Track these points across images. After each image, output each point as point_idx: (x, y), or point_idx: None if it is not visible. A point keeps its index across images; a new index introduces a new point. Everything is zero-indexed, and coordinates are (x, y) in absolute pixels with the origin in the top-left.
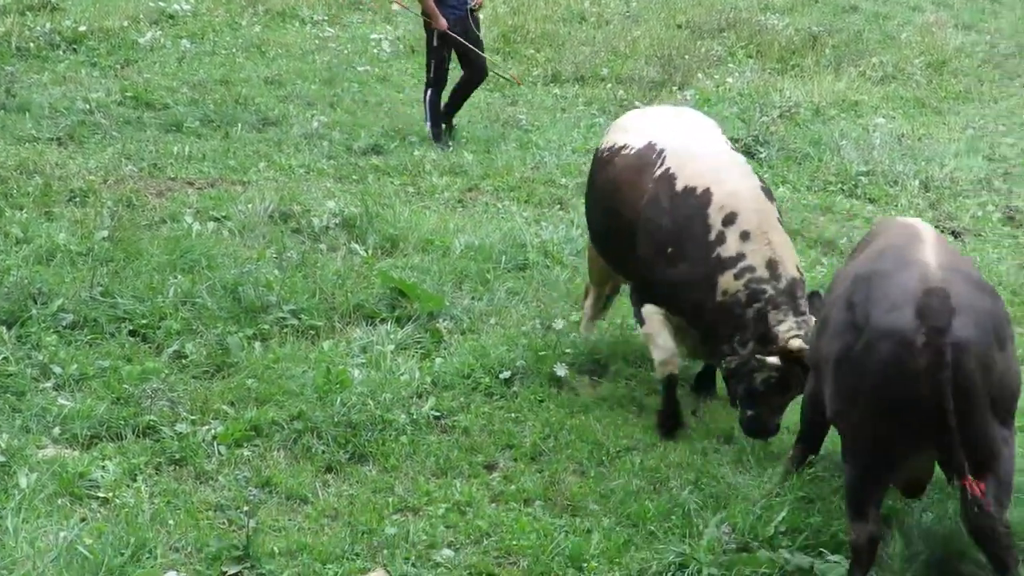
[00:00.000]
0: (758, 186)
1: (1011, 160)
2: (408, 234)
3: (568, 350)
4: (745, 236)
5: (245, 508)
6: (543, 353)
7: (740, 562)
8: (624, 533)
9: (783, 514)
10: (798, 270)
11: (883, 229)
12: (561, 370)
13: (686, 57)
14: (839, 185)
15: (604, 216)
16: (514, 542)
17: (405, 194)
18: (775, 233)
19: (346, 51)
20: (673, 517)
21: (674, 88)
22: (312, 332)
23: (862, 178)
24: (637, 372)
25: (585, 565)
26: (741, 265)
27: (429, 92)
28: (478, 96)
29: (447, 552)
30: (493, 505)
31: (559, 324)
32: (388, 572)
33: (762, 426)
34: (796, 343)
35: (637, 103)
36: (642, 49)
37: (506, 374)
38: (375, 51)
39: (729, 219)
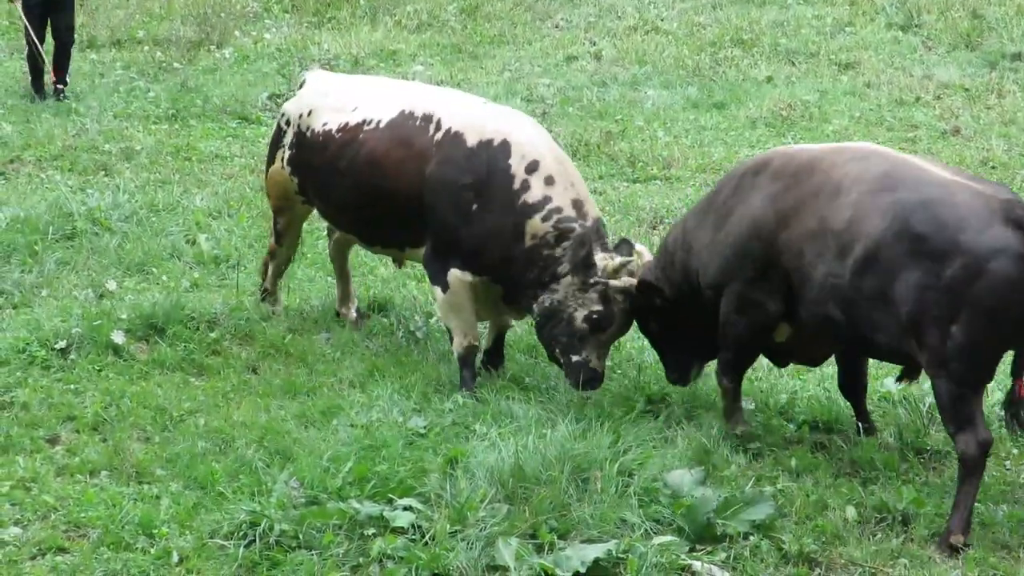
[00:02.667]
0: (547, 134)
1: (548, 100)
2: None
3: (123, 316)
4: (549, 181)
5: None
6: (98, 321)
7: (311, 515)
8: (193, 496)
9: (350, 465)
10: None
11: (814, 162)
12: (118, 337)
13: (222, 15)
14: None
15: (365, 196)
16: (82, 514)
17: None
18: (577, 178)
19: None
20: (241, 476)
21: (212, 47)
22: None
23: None
24: (194, 335)
25: (156, 531)
26: (548, 208)
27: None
28: (14, 65)
29: (14, 530)
30: (59, 479)
31: (112, 286)
32: None
33: (591, 371)
34: (615, 260)
35: (176, 64)
36: (177, 9)
37: (62, 344)
38: None
39: (532, 167)
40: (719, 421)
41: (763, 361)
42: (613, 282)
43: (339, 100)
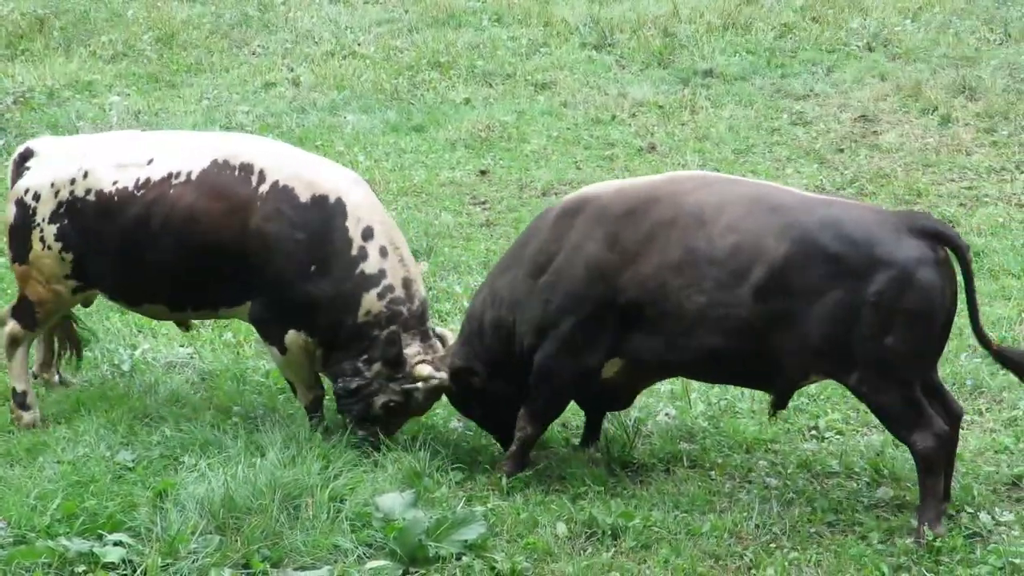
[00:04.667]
0: (372, 194)
1: (247, 127)
2: None
3: None
4: (383, 252)
5: None
6: None
7: (19, 555)
8: None
9: (58, 501)
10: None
11: (665, 189)
12: None
13: None
14: None
15: (182, 257)
16: None
17: None
18: (405, 249)
19: None
20: None
21: None
22: None
23: None
24: None
25: None
26: (384, 284)
27: None
28: None
29: None
30: None
31: None
32: None
33: (375, 445)
34: (425, 370)
35: None
36: None
37: None
38: None
39: (367, 233)
40: (431, 442)
41: None
42: (417, 384)
43: (123, 155)
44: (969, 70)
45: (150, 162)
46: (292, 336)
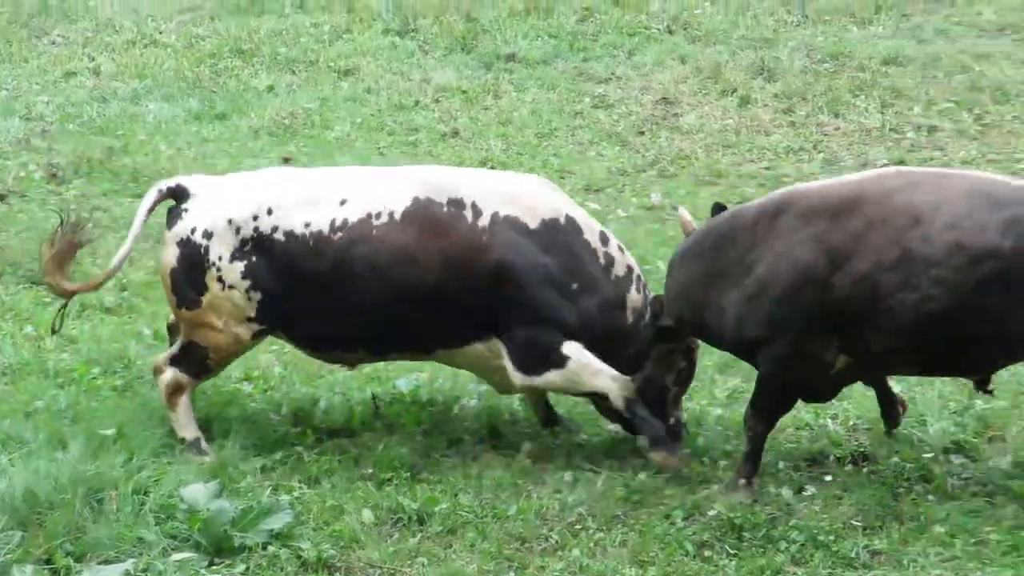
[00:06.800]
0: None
1: (48, 117)
2: None
3: None
4: (621, 249)
5: None
6: None
7: None
8: None
9: None
10: None
11: (893, 183)
12: None
13: None
14: None
15: (396, 301)
16: None
17: None
18: None
19: None
20: None
21: None
22: None
23: None
24: None
25: None
26: (634, 276)
27: None
28: None
29: None
30: None
31: None
32: None
33: (681, 426)
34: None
35: None
36: None
37: None
38: None
39: (604, 238)
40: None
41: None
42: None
43: (309, 193)
44: (767, 51)
45: (344, 202)
46: (571, 346)
